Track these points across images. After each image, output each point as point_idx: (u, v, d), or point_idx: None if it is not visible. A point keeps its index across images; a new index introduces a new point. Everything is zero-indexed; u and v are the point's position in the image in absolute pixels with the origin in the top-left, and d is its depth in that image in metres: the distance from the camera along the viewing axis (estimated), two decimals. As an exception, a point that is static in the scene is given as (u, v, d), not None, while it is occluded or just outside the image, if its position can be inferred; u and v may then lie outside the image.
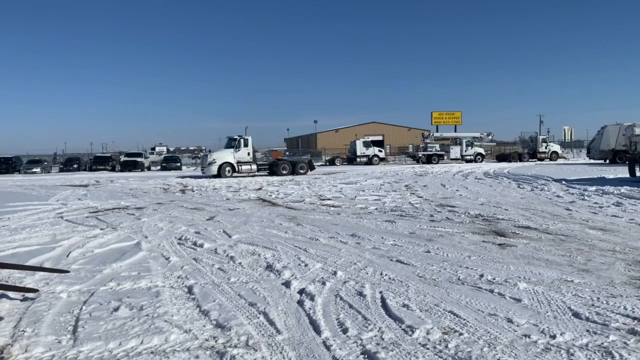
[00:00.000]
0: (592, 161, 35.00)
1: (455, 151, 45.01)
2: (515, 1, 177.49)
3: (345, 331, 3.86)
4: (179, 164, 43.07)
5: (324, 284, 5.18)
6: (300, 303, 4.59)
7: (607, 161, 32.97)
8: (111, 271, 5.97)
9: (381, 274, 5.55)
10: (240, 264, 6.23)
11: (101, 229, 9.23)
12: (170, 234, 8.59)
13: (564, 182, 17.00)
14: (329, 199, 13.97)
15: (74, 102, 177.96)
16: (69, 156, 56.74)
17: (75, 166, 43.43)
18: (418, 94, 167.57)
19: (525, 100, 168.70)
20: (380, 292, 4.83)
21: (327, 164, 47.31)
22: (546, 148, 47.07)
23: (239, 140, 27.54)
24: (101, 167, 41.64)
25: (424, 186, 17.83)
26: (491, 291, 4.81)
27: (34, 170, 40.24)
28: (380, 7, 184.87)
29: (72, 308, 4.58)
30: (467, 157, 44.89)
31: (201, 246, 7.38)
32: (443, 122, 57.96)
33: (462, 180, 20.71)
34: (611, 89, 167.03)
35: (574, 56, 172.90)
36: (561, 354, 3.38)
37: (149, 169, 43.69)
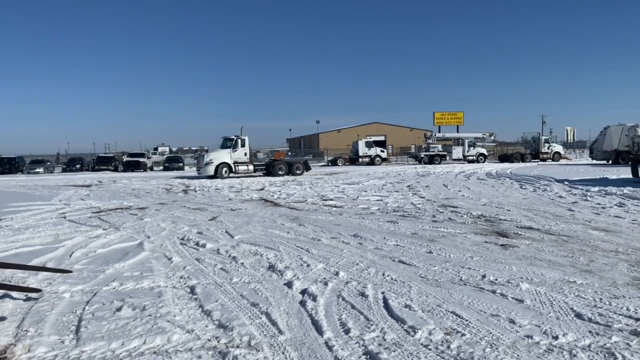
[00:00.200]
0: (594, 162, 34.91)
1: (457, 151, 44.94)
2: (517, 1, 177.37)
3: (347, 332, 3.86)
4: (181, 164, 43.09)
5: (326, 284, 5.19)
6: (303, 303, 4.59)
7: (610, 162, 32.88)
8: (114, 271, 5.98)
9: (383, 274, 5.55)
10: (242, 264, 6.24)
11: (104, 229, 9.25)
12: (173, 234, 8.60)
13: (566, 182, 16.97)
14: (331, 200, 13.97)
15: (76, 103, 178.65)
16: (71, 156, 56.89)
17: (78, 166, 43.50)
18: (420, 94, 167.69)
19: (527, 100, 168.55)
20: (383, 293, 4.83)
21: (330, 164, 47.32)
22: (549, 148, 46.95)
23: (236, 140, 27.08)
24: (104, 167, 41.67)
25: (426, 187, 17.82)
26: (493, 292, 4.80)
27: (37, 170, 40.31)
28: (383, 6, 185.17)
29: (74, 308, 4.59)
30: (470, 157, 44.81)
31: (203, 246, 7.39)
32: (445, 122, 57.90)
33: (465, 180, 20.69)
34: (614, 89, 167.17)
35: (576, 56, 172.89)
36: (563, 355, 3.37)
37: (151, 169, 43.74)
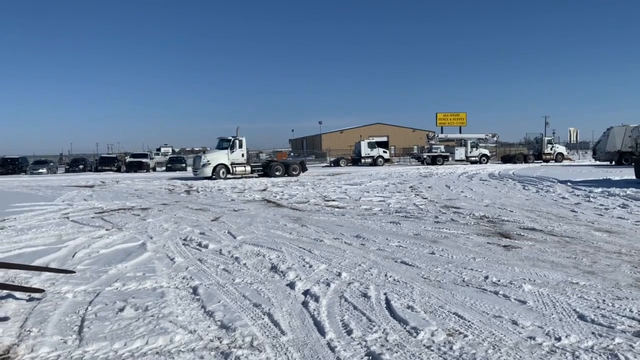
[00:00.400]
0: (597, 163, 34.81)
1: (460, 152, 44.88)
2: (520, 2, 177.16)
3: (349, 332, 3.86)
4: (184, 164, 43.11)
5: (328, 285, 5.19)
6: (305, 304, 4.59)
7: (613, 163, 32.78)
8: (116, 272, 6.00)
9: (386, 275, 5.55)
10: (244, 265, 6.24)
11: (107, 230, 9.27)
12: (175, 234, 8.62)
13: (569, 183, 16.93)
14: (333, 200, 13.97)
15: (79, 104, 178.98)
16: (74, 157, 57.02)
17: (81, 167, 43.58)
18: (423, 94, 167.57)
19: (530, 101, 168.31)
20: (385, 294, 4.83)
21: (332, 165, 47.29)
22: (551, 149, 46.84)
23: (233, 141, 26.83)
24: (107, 167, 41.71)
25: (429, 187, 17.81)
26: (496, 293, 4.80)
27: (40, 170, 40.39)
28: (384, 7, 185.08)
29: (77, 308, 4.61)
30: (472, 158, 44.75)
31: (206, 247, 7.40)
32: (448, 123, 57.76)
33: (467, 181, 20.66)
34: (617, 90, 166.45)
35: (579, 57, 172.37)
36: (566, 356, 3.37)
37: (154, 169, 43.77)
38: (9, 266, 5.70)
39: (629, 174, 19.36)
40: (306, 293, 4.93)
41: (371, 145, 45.63)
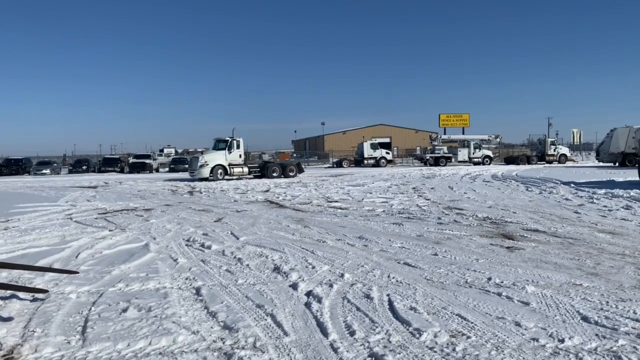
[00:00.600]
0: (601, 164, 34.72)
1: (463, 153, 44.80)
2: (523, 2, 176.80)
3: (352, 334, 3.86)
4: (187, 165, 43.17)
5: (331, 286, 5.19)
6: (308, 305, 4.60)
7: (617, 164, 32.69)
8: (120, 272, 6.01)
9: (388, 276, 5.55)
10: (247, 265, 6.25)
11: (110, 230, 9.30)
12: (178, 235, 8.63)
13: (572, 185, 16.89)
14: (336, 201, 13.98)
15: (83, 104, 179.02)
16: (78, 158, 57.06)
17: (84, 168, 43.69)
18: (426, 96, 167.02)
19: (533, 102, 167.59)
20: (388, 295, 4.83)
21: (334, 166, 47.27)
22: (555, 150, 46.69)
23: (230, 141, 26.58)
24: (110, 168, 41.83)
25: (432, 188, 17.79)
26: (499, 294, 4.79)
27: (44, 171, 40.52)
28: (387, 8, 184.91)
29: (81, 309, 4.62)
30: (475, 159, 44.65)
31: (209, 248, 7.42)
32: (451, 124, 57.71)
33: (470, 182, 20.64)
34: (621, 91, 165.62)
35: (582, 58, 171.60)
36: (570, 358, 3.36)
37: (157, 170, 43.86)
38: (13, 267, 5.73)
39: (632, 175, 19.31)
40: (309, 294, 4.93)
41: (374, 146, 45.59)
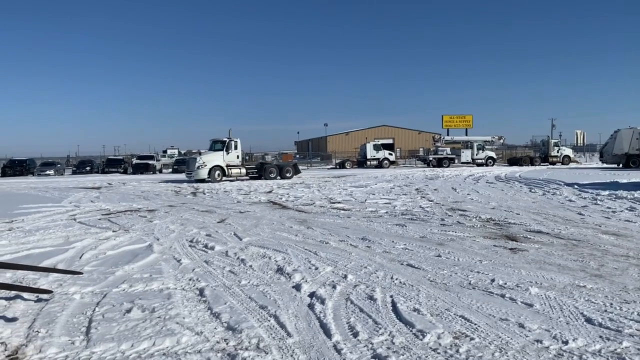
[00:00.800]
0: (604, 165, 34.63)
1: (466, 155, 44.74)
2: (526, 4, 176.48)
3: (355, 335, 3.86)
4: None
5: (334, 287, 5.19)
6: (311, 306, 4.60)
7: (620, 165, 32.62)
8: (123, 273, 6.03)
9: (392, 277, 5.54)
10: (250, 266, 6.26)
11: (113, 231, 9.33)
12: (182, 236, 8.65)
13: (576, 186, 16.85)
14: (339, 202, 13.98)
15: (87, 105, 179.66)
16: (81, 159, 57.22)
17: (88, 169, 43.80)
18: (429, 97, 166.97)
19: (537, 103, 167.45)
20: (391, 296, 4.83)
21: (337, 167, 47.24)
22: (558, 152, 46.56)
23: (228, 142, 26.33)
24: (113, 169, 41.91)
25: (435, 190, 17.77)
26: (502, 296, 4.79)
27: (48, 172, 40.59)
28: (390, 9, 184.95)
29: (85, 309, 4.64)
30: (478, 160, 44.59)
31: (212, 249, 7.43)
32: (454, 125, 57.62)
33: (473, 184, 20.60)
34: (624, 92, 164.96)
35: (586, 59, 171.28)
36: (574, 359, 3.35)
37: (160, 171, 43.94)
38: (18, 267, 5.76)
39: (636, 176, 19.28)
40: (312, 295, 4.94)
41: (377, 148, 45.55)
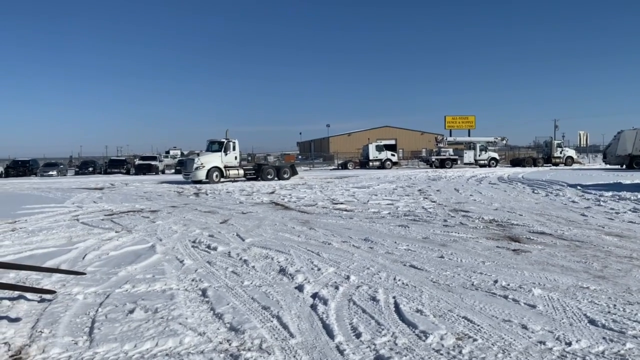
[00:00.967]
0: (608, 166, 34.50)
1: (468, 156, 44.68)
2: (529, 6, 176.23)
3: (358, 336, 3.86)
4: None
5: (337, 288, 5.19)
6: (314, 307, 4.60)
7: (624, 166, 32.48)
8: (126, 273, 6.04)
9: (394, 278, 5.54)
10: (253, 267, 6.26)
11: (116, 232, 9.34)
12: (185, 237, 8.66)
13: (579, 187, 16.81)
14: (341, 203, 13.97)
15: (89, 106, 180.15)
16: (84, 159, 57.31)
17: (90, 169, 43.88)
18: (431, 98, 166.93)
19: (540, 104, 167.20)
20: (394, 297, 4.83)
21: (340, 167, 47.23)
22: (561, 153, 46.45)
23: (226, 143, 26.14)
24: (116, 170, 42.01)
25: (437, 191, 17.75)
26: (505, 297, 4.78)
27: (50, 173, 40.66)
28: (393, 12, 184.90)
29: (88, 310, 4.65)
30: (481, 161, 44.52)
31: (215, 249, 7.43)
32: (456, 126, 57.52)
33: (476, 185, 20.57)
34: (628, 93, 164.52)
35: (589, 60, 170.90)
36: (577, 361, 3.34)
37: (163, 172, 44.02)
38: (21, 267, 5.77)
39: (639, 177, 19.20)
40: (315, 296, 4.94)
41: (379, 148, 45.49)
